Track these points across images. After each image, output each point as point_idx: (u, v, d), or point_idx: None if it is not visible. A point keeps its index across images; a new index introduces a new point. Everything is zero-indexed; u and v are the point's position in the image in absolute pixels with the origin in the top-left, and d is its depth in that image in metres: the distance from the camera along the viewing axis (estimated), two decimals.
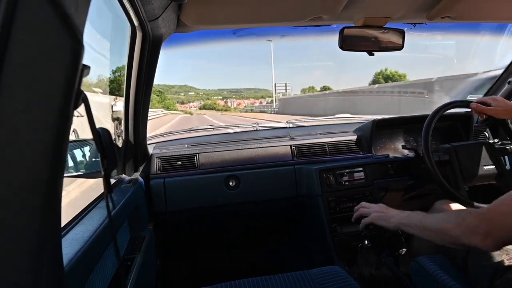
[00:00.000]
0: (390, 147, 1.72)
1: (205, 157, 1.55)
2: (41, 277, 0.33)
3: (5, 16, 0.25)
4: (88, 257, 0.69)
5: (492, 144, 1.35)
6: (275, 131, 1.89)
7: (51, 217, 0.35)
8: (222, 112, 47.79)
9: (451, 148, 1.32)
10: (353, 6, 1.02)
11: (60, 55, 0.32)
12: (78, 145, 1.12)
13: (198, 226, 1.79)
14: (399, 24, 1.25)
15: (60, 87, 0.32)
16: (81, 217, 0.87)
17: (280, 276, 0.97)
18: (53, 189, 0.34)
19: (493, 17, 1.24)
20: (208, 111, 49.97)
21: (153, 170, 1.50)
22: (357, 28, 1.18)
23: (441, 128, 1.71)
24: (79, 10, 0.35)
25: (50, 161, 0.32)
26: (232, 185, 1.52)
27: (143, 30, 1.03)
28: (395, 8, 1.09)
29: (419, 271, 1.06)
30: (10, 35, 0.25)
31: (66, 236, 0.74)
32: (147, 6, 0.88)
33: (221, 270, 1.74)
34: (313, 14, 1.08)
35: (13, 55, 0.26)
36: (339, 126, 1.94)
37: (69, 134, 0.35)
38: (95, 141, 0.44)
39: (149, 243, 1.23)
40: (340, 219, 1.48)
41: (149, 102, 1.29)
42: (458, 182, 1.27)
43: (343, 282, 0.94)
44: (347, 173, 1.50)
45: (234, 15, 1.08)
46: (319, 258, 1.57)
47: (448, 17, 1.13)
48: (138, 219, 1.25)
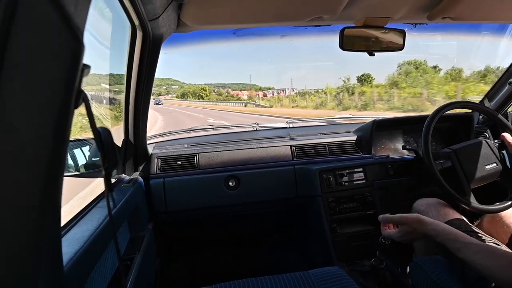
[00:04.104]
0: (390, 147, 1.72)
1: (205, 157, 1.55)
2: (40, 276, 0.33)
3: (5, 15, 0.25)
4: (87, 257, 0.69)
5: (490, 141, 1.35)
6: (275, 131, 1.89)
7: (51, 217, 0.35)
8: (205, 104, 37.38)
9: (452, 153, 1.31)
10: (353, 6, 1.02)
11: (60, 55, 0.32)
12: (78, 144, 1.12)
13: (197, 226, 1.79)
14: (399, 24, 1.24)
15: (61, 86, 0.32)
16: (81, 217, 0.87)
17: (279, 277, 0.97)
18: (53, 188, 0.34)
19: (494, 17, 1.24)
20: (186, 102, 41.72)
21: (153, 170, 1.50)
22: (358, 28, 1.18)
23: (441, 129, 1.71)
24: (79, 9, 0.35)
25: (50, 160, 0.32)
26: (232, 185, 1.52)
27: (144, 30, 1.03)
28: (395, 8, 1.09)
29: (418, 272, 1.05)
30: (10, 34, 0.25)
31: (66, 235, 0.74)
32: (147, 5, 0.88)
33: (220, 270, 1.74)
34: (313, 14, 1.08)
35: (13, 54, 0.26)
36: (339, 126, 1.94)
37: (69, 134, 0.35)
38: (96, 140, 0.44)
39: (148, 243, 1.23)
40: (340, 220, 1.48)
41: (149, 102, 1.29)
42: (464, 187, 1.26)
43: (343, 283, 0.94)
44: (347, 173, 1.50)
45: (235, 15, 1.08)
46: (319, 259, 1.57)
47: (449, 17, 1.13)
48: (137, 219, 1.25)
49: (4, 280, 0.27)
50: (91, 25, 0.42)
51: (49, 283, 0.35)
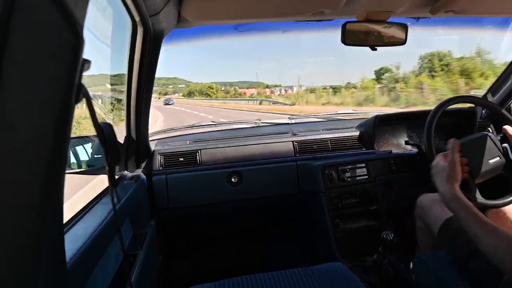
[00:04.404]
0: (393, 142, 1.72)
1: (207, 154, 1.55)
2: (41, 276, 0.32)
3: (4, 11, 0.24)
4: (90, 253, 0.70)
5: (492, 134, 1.34)
6: (277, 127, 1.88)
7: (53, 214, 0.34)
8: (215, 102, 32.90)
9: None
10: (355, 0, 1.01)
11: (60, 50, 0.32)
12: (80, 141, 1.13)
13: (200, 223, 1.79)
14: (402, 19, 1.23)
15: (61, 81, 0.32)
16: (83, 213, 0.87)
17: (282, 273, 0.97)
18: (54, 188, 0.34)
19: (496, 11, 1.22)
20: (196, 101, 37.95)
21: (155, 167, 1.51)
22: (360, 22, 1.17)
23: (444, 124, 1.70)
24: (80, 4, 0.35)
25: (51, 159, 0.32)
26: (234, 182, 1.52)
27: (144, 25, 1.02)
28: (398, 3, 1.08)
29: (421, 267, 1.05)
30: (9, 30, 0.25)
31: (69, 232, 0.74)
32: (148, 0, 0.88)
33: (223, 266, 1.74)
34: (315, 8, 1.07)
35: (13, 49, 0.25)
36: (341, 122, 1.93)
37: (70, 129, 0.35)
38: (98, 136, 0.44)
39: (151, 240, 1.23)
40: (342, 215, 1.48)
41: (150, 98, 1.29)
42: (468, 183, 1.26)
43: (346, 279, 0.94)
44: (350, 169, 1.50)
45: (236, 10, 1.07)
46: (322, 254, 1.57)
47: (452, 11, 1.12)
48: (140, 215, 1.25)
49: (4, 280, 0.27)
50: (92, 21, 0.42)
51: (50, 283, 0.35)
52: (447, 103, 1.33)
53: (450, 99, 1.34)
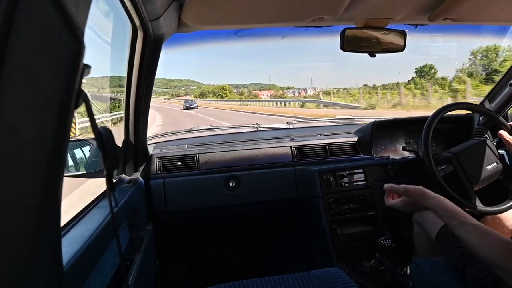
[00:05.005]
0: (391, 148, 1.72)
1: (205, 158, 1.55)
2: (40, 276, 0.32)
3: (5, 15, 0.24)
4: (87, 257, 0.69)
5: (488, 140, 1.35)
6: (276, 132, 1.89)
7: (51, 217, 0.34)
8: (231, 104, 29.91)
9: (453, 157, 1.31)
10: (354, 7, 1.02)
11: (60, 54, 0.32)
12: (79, 144, 1.12)
13: (197, 227, 1.79)
14: (400, 26, 1.24)
15: (61, 86, 0.32)
16: (81, 217, 0.87)
17: (280, 277, 0.97)
18: (53, 188, 0.34)
19: (495, 19, 1.24)
20: (215, 103, 34.29)
21: (153, 170, 1.50)
22: (359, 29, 1.18)
23: (442, 130, 1.71)
24: (80, 9, 0.35)
25: (50, 160, 0.32)
26: (232, 186, 1.52)
27: (144, 30, 1.03)
28: (396, 10, 1.09)
29: (418, 273, 1.05)
30: (10, 33, 0.25)
31: (66, 235, 0.74)
32: (148, 5, 0.88)
33: (220, 270, 1.74)
34: (314, 15, 1.07)
35: (13, 54, 0.26)
36: (339, 127, 1.94)
37: (69, 134, 0.35)
38: (97, 140, 0.44)
39: (148, 243, 1.23)
40: (340, 221, 1.48)
41: (149, 102, 1.29)
42: (467, 191, 1.26)
43: (343, 284, 0.94)
44: (347, 174, 1.50)
45: (235, 15, 1.08)
46: (319, 259, 1.57)
47: (450, 18, 1.13)
48: (137, 219, 1.25)
49: (4, 280, 0.27)
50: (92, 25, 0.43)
51: (49, 283, 0.34)
52: (445, 109, 1.33)
53: (448, 106, 1.34)
